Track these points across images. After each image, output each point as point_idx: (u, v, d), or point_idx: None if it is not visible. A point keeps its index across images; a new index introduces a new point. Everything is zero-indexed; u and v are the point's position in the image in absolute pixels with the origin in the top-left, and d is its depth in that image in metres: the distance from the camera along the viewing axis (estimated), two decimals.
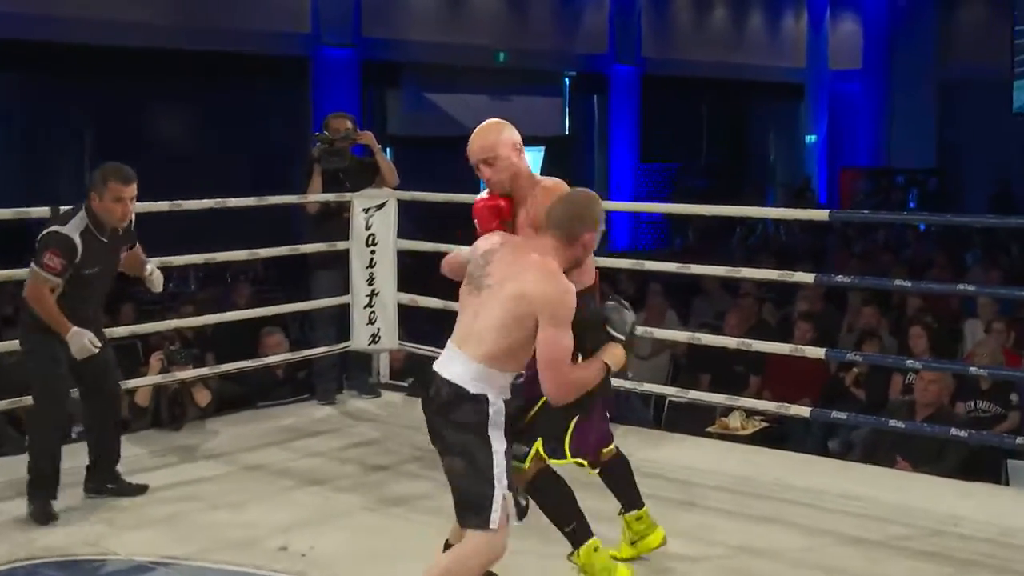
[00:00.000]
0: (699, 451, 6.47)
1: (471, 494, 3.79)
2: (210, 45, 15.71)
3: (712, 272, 7.79)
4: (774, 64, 24.23)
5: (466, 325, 3.87)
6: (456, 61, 18.45)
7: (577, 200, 3.97)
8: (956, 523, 5.20)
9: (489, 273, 3.85)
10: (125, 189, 5.27)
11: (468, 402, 3.80)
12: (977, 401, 7.50)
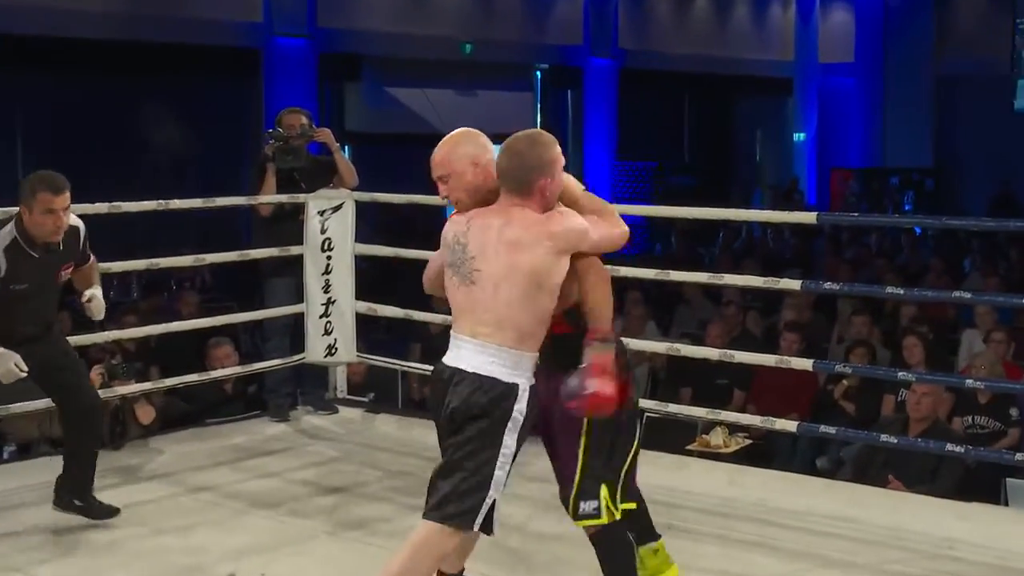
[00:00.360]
0: (679, 470, 6.48)
1: (462, 488, 3.83)
2: (153, 36, 15.67)
3: (693, 279, 7.83)
4: (760, 57, 24.35)
5: (473, 315, 3.89)
6: (420, 53, 18.46)
7: (519, 148, 3.93)
8: (952, 546, 5.25)
9: (472, 255, 3.88)
10: (55, 199, 5.10)
11: (495, 393, 3.84)
12: (975, 416, 7.55)
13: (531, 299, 3.84)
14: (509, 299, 3.83)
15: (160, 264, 7.27)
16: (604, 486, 4.03)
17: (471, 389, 3.85)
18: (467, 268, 3.90)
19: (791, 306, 10.17)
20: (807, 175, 25.01)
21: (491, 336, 3.85)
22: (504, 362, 3.85)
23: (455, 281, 3.95)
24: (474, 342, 3.88)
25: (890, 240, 17.06)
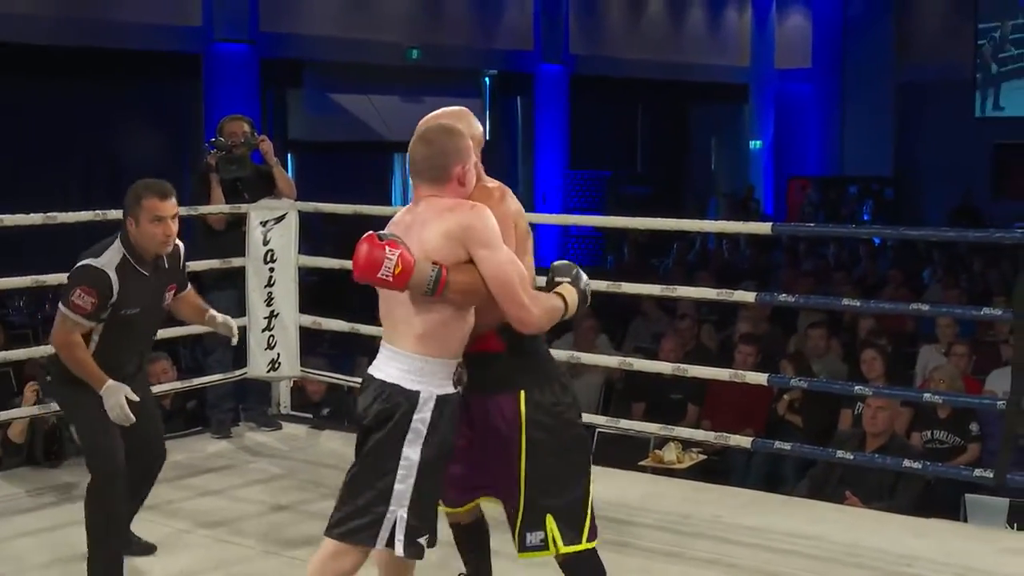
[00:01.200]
0: (632, 486, 6.54)
1: (360, 503, 3.79)
2: (89, 40, 15.57)
3: (645, 291, 7.89)
4: (715, 63, 24.47)
5: (390, 319, 3.86)
6: (364, 58, 18.46)
7: (431, 136, 3.89)
8: (910, 563, 5.31)
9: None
10: (164, 205, 4.88)
11: (397, 400, 3.77)
12: (934, 431, 7.64)
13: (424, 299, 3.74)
14: (403, 299, 3.78)
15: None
16: (550, 516, 3.93)
17: (372, 398, 3.82)
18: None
19: (746, 319, 10.25)
20: (763, 184, 25.10)
21: (393, 341, 3.83)
22: (407, 368, 3.79)
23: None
24: (387, 349, 3.85)
25: (848, 251, 17.21)
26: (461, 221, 3.74)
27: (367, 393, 3.84)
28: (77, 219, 6.82)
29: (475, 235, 3.73)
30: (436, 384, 3.79)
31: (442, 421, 3.80)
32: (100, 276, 4.75)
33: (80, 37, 15.49)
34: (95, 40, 15.63)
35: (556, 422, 3.93)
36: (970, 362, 8.99)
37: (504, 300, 3.73)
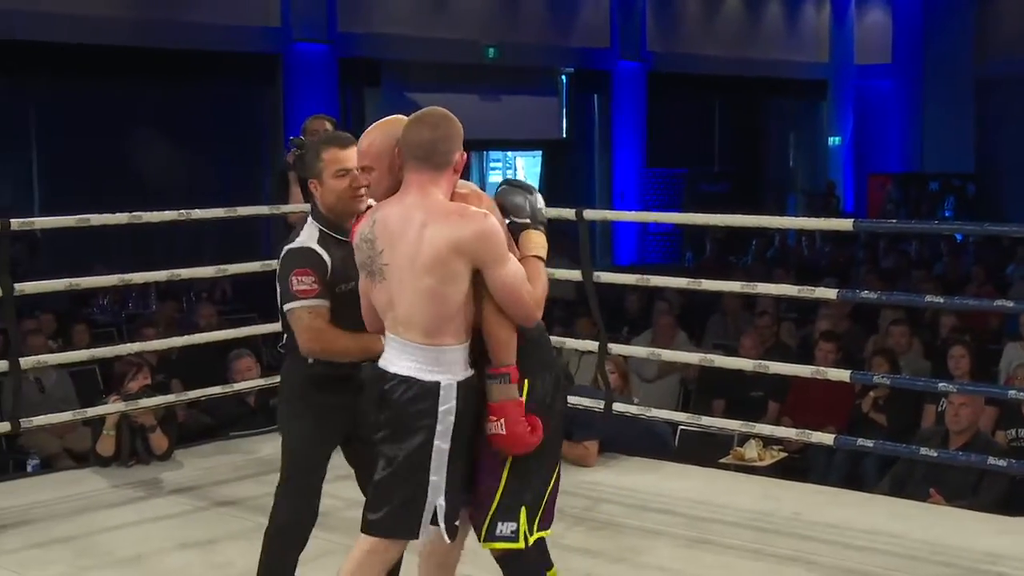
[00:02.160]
0: (713, 484, 6.55)
1: (397, 500, 3.74)
2: (170, 42, 15.74)
3: (725, 288, 7.88)
4: (794, 59, 24.32)
5: (396, 310, 3.74)
6: (442, 58, 18.54)
7: (435, 120, 3.76)
8: (995, 561, 5.27)
9: (381, 250, 3.73)
10: (345, 154, 4.31)
11: (419, 393, 3.70)
12: (1019, 429, 7.57)
13: (434, 290, 3.66)
14: (414, 290, 3.67)
15: (182, 275, 7.29)
16: (524, 509, 3.84)
17: (391, 392, 3.72)
18: (377, 264, 3.75)
19: (827, 316, 10.21)
20: (843, 180, 24.94)
21: (406, 333, 3.72)
22: (423, 359, 3.70)
23: (370, 283, 3.81)
24: (396, 341, 3.75)
25: (929, 248, 17.06)
26: (475, 233, 3.62)
27: (384, 387, 3.75)
28: (161, 219, 6.91)
29: (489, 250, 3.65)
30: (455, 371, 3.72)
31: (467, 407, 3.73)
32: (305, 252, 4.28)
33: (161, 39, 15.66)
34: (176, 42, 15.78)
35: (547, 414, 3.85)
36: None
37: (512, 308, 3.70)
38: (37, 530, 5.78)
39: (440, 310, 3.67)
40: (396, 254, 3.69)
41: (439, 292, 3.65)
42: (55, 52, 14.87)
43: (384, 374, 3.76)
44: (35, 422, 6.43)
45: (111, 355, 7.70)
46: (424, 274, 3.64)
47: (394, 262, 3.70)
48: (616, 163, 21.72)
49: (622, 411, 6.75)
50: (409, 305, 3.69)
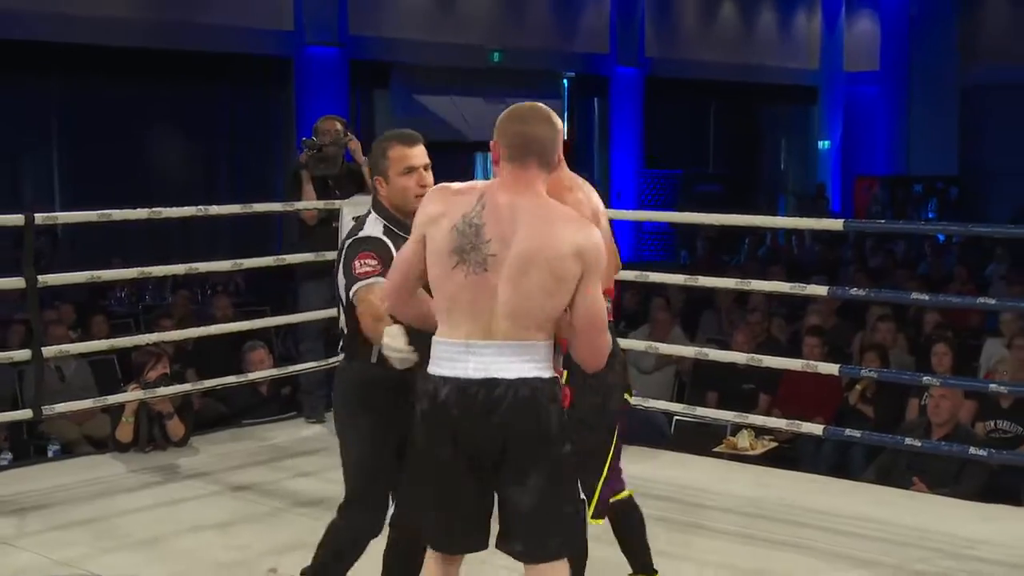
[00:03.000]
0: (707, 471, 6.59)
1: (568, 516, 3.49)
2: (186, 44, 15.74)
3: (719, 284, 7.90)
4: (786, 65, 24.34)
5: (490, 308, 3.36)
6: (449, 61, 18.55)
7: (550, 115, 3.51)
8: (974, 547, 5.30)
9: (489, 240, 3.35)
10: (411, 152, 4.20)
11: (543, 393, 3.38)
12: (998, 420, 7.59)
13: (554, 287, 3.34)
14: (539, 284, 3.32)
15: (200, 269, 7.33)
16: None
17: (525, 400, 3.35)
18: (481, 253, 3.35)
19: (816, 312, 10.23)
20: (832, 182, 24.97)
21: (510, 331, 3.35)
22: (539, 357, 3.38)
23: (459, 270, 3.37)
24: (494, 344, 3.36)
25: (914, 248, 17.07)
26: (596, 244, 3.38)
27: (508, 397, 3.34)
28: (180, 214, 6.96)
29: (598, 263, 3.40)
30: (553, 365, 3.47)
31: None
32: (372, 240, 4.09)
33: (178, 41, 15.66)
34: (192, 44, 15.79)
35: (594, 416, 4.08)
36: None
37: (590, 335, 3.42)
38: (58, 513, 5.81)
39: (557, 306, 3.36)
40: (516, 248, 3.32)
41: (562, 289, 3.33)
42: (75, 53, 14.88)
43: (493, 382, 3.35)
44: (56, 409, 6.45)
45: (129, 345, 7.74)
46: (554, 272, 3.31)
47: (511, 256, 3.32)
48: (614, 164, 21.73)
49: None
50: (531, 299, 3.33)
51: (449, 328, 3.40)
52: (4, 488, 6.13)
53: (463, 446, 3.38)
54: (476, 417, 3.35)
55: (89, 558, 5.21)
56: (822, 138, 25.17)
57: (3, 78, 15.00)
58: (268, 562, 5.08)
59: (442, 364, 3.40)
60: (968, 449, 5.99)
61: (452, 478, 3.43)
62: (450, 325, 3.40)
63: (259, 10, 16.60)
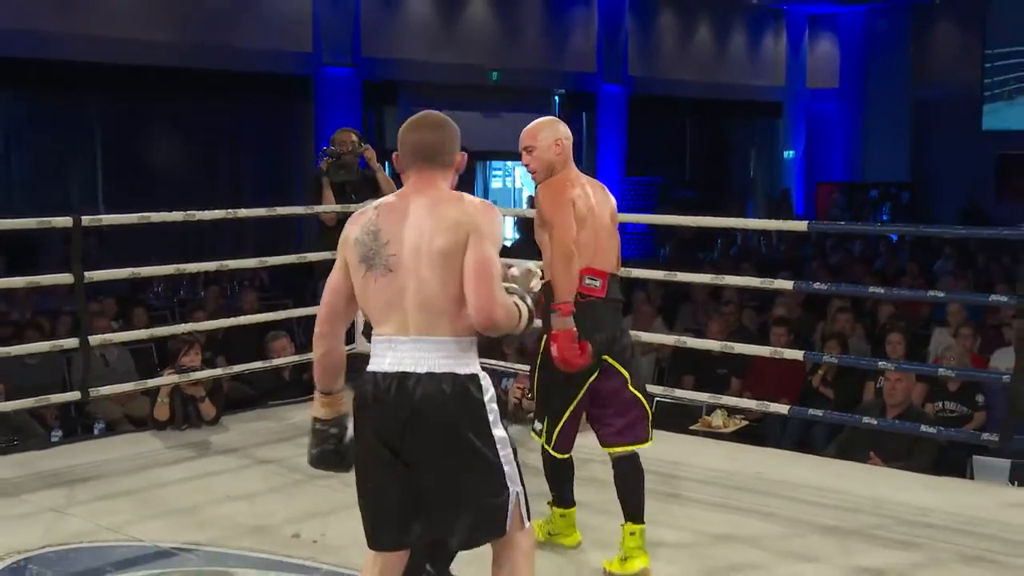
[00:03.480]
0: (685, 447, 6.60)
1: (483, 504, 3.22)
2: (216, 64, 15.74)
3: (695, 279, 7.91)
4: (754, 83, 24.31)
5: (403, 306, 3.20)
6: (451, 80, 18.52)
7: (439, 122, 3.38)
8: (925, 514, 5.32)
9: (387, 242, 3.22)
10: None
11: (460, 388, 3.18)
12: (945, 402, 7.63)
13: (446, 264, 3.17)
14: (430, 267, 3.17)
15: (229, 265, 7.35)
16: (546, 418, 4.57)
17: (438, 395, 3.16)
18: (382, 256, 3.22)
19: (782, 304, 10.26)
20: (796, 188, 24.99)
21: (424, 327, 3.18)
22: (453, 352, 3.19)
23: (369, 277, 3.24)
24: (411, 340, 3.20)
25: (870, 247, 17.09)
26: (479, 208, 3.23)
27: (416, 391, 3.17)
28: (212, 217, 6.96)
29: (484, 223, 3.19)
30: (477, 360, 3.26)
31: (497, 390, 3.35)
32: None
33: (209, 61, 15.66)
34: (221, 64, 15.79)
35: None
36: (975, 342, 8.95)
37: (477, 288, 3.13)
38: (104, 484, 5.82)
39: (454, 286, 3.15)
40: (406, 241, 3.21)
41: (449, 265, 3.15)
42: (117, 72, 14.86)
43: (405, 376, 3.19)
44: (101, 391, 6.46)
45: (166, 334, 7.75)
46: (435, 247, 3.16)
47: (403, 250, 3.21)
48: (600, 171, 21.67)
49: None
50: (428, 285, 3.17)
51: (378, 328, 3.27)
52: (56, 462, 6.15)
53: (380, 438, 3.21)
54: (388, 409, 3.18)
55: (131, 524, 5.22)
56: (787, 148, 25.15)
57: (54, 95, 15.07)
58: (290, 528, 5.09)
59: (373, 360, 3.27)
60: (919, 427, 6.01)
61: (374, 470, 3.25)
62: (377, 325, 3.27)
63: (281, 33, 16.58)
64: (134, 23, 15.03)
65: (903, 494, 5.61)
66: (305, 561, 4.74)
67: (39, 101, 15.20)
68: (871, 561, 4.77)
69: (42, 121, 15.37)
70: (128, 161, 15.48)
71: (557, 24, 20.64)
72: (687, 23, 23.10)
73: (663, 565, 4.69)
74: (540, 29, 20.42)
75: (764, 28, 24.68)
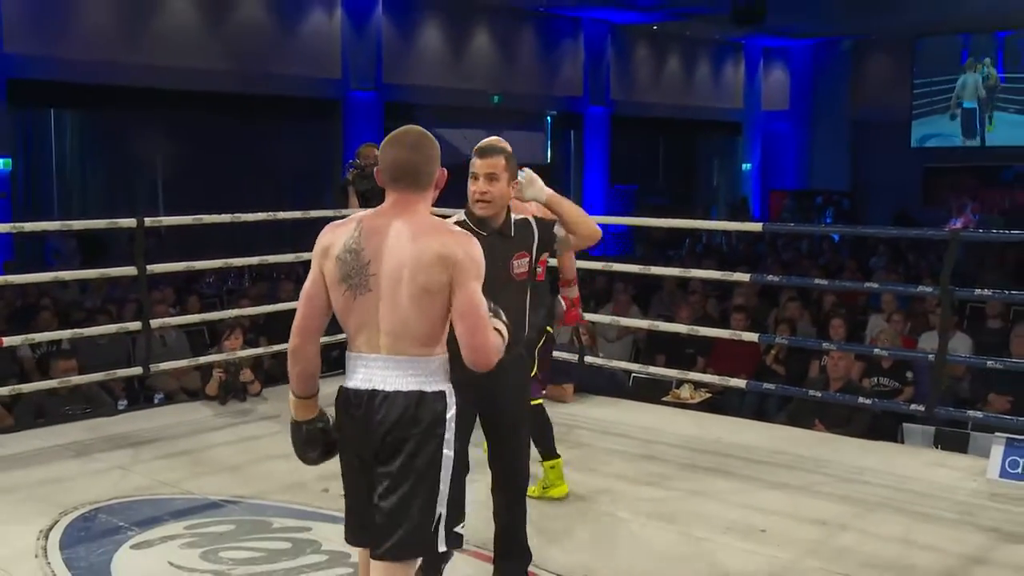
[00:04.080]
0: (657, 415, 6.59)
1: (418, 519, 2.79)
2: (259, 89, 15.76)
3: (665, 272, 7.90)
4: (717, 105, 24.31)
5: (377, 326, 2.79)
6: (459, 102, 18.52)
7: (413, 140, 2.87)
8: (861, 473, 5.33)
9: (368, 261, 2.79)
10: (476, 161, 3.71)
11: (428, 407, 2.79)
12: (880, 377, 7.60)
13: (426, 297, 2.76)
14: (410, 296, 2.75)
15: (269, 260, 7.37)
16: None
17: (399, 410, 2.78)
18: (364, 275, 2.79)
19: (740, 294, 10.22)
20: (752, 195, 25.03)
21: (397, 345, 2.78)
22: (422, 370, 2.79)
23: (349, 295, 2.80)
24: (382, 358, 2.79)
25: (815, 245, 17.07)
26: (463, 249, 2.77)
27: (380, 406, 2.78)
28: (255, 218, 6.93)
29: (470, 269, 2.76)
30: (446, 378, 2.85)
31: (463, 408, 2.91)
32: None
33: (253, 86, 15.66)
34: (263, 88, 15.80)
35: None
36: (906, 327, 8.93)
37: (471, 327, 2.75)
38: (162, 446, 5.81)
39: (431, 317, 2.77)
40: (387, 264, 2.77)
41: (430, 299, 2.75)
42: (175, 96, 14.86)
43: (374, 393, 2.80)
44: (160, 367, 6.46)
45: (216, 319, 7.72)
46: (418, 283, 2.75)
47: (384, 272, 2.77)
48: (586, 181, 21.70)
49: (591, 362, 6.78)
50: (404, 313, 2.76)
51: (352, 343, 2.85)
52: (122, 427, 6.13)
53: (352, 449, 2.88)
54: (358, 424, 2.82)
55: (185, 480, 5.22)
56: (745, 161, 25.16)
57: (122, 116, 15.06)
58: (321, 484, 5.06)
59: (347, 375, 2.87)
60: (857, 399, 6.01)
61: (347, 476, 2.94)
62: (353, 341, 2.84)
63: (315, 63, 16.57)
64: (189, 54, 15.03)
65: (843, 456, 5.61)
66: (334, 512, 4.71)
67: (111, 121, 15.21)
68: (816, 513, 4.76)
69: (113, 138, 15.39)
70: (184, 172, 15.50)
71: (549, 55, 20.61)
72: (660, 54, 23.08)
73: (640, 516, 4.68)
74: (535, 59, 20.40)
75: (725, 58, 24.66)
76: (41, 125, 14.98)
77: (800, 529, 4.57)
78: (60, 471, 5.34)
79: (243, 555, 4.29)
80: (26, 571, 4.12)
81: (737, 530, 4.54)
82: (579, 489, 4.96)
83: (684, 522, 4.64)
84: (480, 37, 19.26)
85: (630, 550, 4.33)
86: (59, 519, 4.63)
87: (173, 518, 4.68)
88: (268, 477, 5.25)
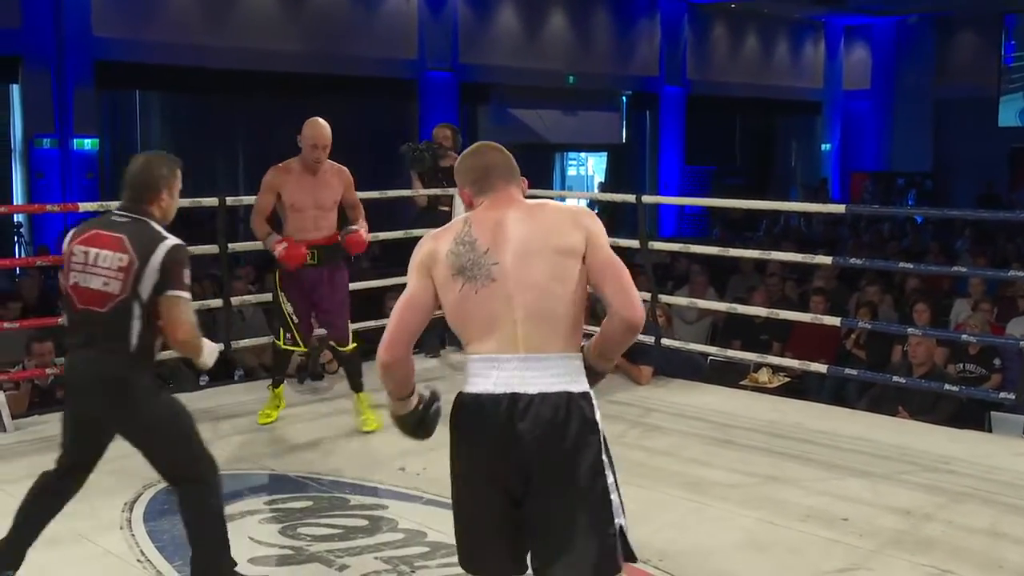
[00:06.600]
0: (735, 400, 6.50)
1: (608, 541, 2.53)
2: (338, 70, 15.83)
3: (744, 254, 7.78)
4: (796, 85, 23.94)
5: (513, 318, 2.55)
6: (534, 82, 18.45)
7: (498, 146, 2.82)
8: (947, 462, 5.20)
9: (487, 250, 2.60)
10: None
11: (576, 408, 2.53)
12: (966, 364, 7.43)
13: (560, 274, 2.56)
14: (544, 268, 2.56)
15: None
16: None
17: (548, 416, 2.50)
18: (485, 266, 2.58)
19: (820, 276, 10.05)
20: (832, 176, 24.65)
21: (536, 340, 2.54)
22: (565, 370, 2.55)
23: (468, 289, 2.58)
24: (522, 356, 2.54)
25: (898, 227, 16.75)
26: (587, 212, 2.71)
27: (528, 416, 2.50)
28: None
29: (600, 229, 2.65)
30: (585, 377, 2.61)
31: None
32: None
33: (331, 67, 15.74)
34: (341, 69, 15.87)
35: None
36: (993, 312, 8.70)
37: (621, 290, 2.56)
38: (242, 422, 5.87)
39: (570, 291, 2.55)
40: (511, 246, 2.59)
41: (566, 268, 2.55)
42: (256, 77, 15.03)
43: (515, 398, 2.51)
44: (240, 344, 6.53)
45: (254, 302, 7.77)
46: (551, 247, 2.57)
47: (509, 256, 2.57)
48: (662, 162, 21.53)
49: (668, 345, 6.71)
50: (541, 291, 2.54)
51: (477, 345, 2.61)
52: (203, 402, 6.19)
53: (484, 464, 2.56)
54: (495, 432, 2.52)
55: (264, 456, 5.28)
56: (825, 142, 24.78)
57: (204, 97, 15.29)
58: (397, 462, 5.10)
59: (471, 381, 2.62)
60: (943, 386, 5.87)
61: (475, 497, 2.60)
62: (478, 342, 2.60)
63: (392, 43, 16.62)
64: (270, 36, 15.17)
65: (927, 444, 5.47)
66: (409, 490, 4.75)
67: (194, 102, 15.44)
68: (899, 502, 4.65)
69: (196, 119, 15.63)
70: (264, 152, 15.60)
71: (625, 34, 20.44)
72: (738, 33, 22.76)
73: (717, 501, 4.62)
74: (610, 39, 20.24)
75: (805, 37, 24.25)
76: (127, 106, 15.27)
77: (883, 518, 4.46)
78: None
79: (321, 531, 4.32)
80: (111, 542, 4.20)
81: (817, 518, 4.45)
82: (656, 473, 4.91)
83: (763, 508, 4.56)
84: (555, 17, 19.15)
85: (707, 536, 4.27)
86: (143, 492, 4.71)
87: (253, 493, 4.73)
88: (345, 455, 5.29)
